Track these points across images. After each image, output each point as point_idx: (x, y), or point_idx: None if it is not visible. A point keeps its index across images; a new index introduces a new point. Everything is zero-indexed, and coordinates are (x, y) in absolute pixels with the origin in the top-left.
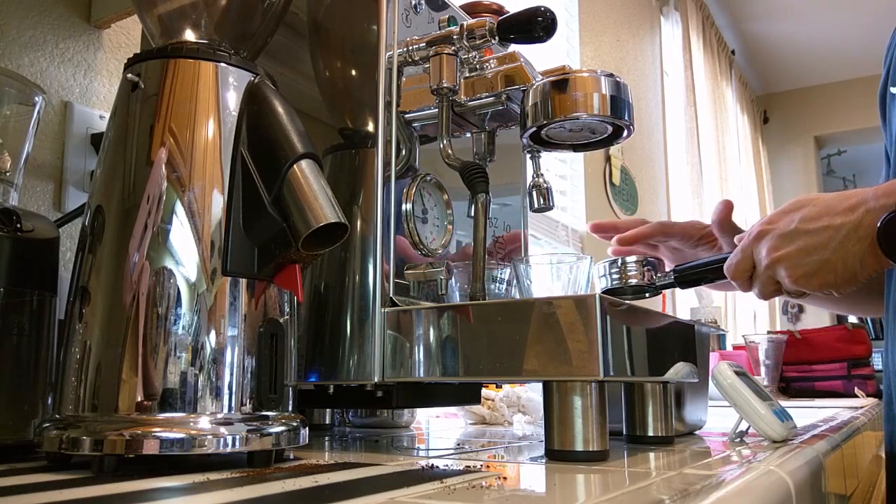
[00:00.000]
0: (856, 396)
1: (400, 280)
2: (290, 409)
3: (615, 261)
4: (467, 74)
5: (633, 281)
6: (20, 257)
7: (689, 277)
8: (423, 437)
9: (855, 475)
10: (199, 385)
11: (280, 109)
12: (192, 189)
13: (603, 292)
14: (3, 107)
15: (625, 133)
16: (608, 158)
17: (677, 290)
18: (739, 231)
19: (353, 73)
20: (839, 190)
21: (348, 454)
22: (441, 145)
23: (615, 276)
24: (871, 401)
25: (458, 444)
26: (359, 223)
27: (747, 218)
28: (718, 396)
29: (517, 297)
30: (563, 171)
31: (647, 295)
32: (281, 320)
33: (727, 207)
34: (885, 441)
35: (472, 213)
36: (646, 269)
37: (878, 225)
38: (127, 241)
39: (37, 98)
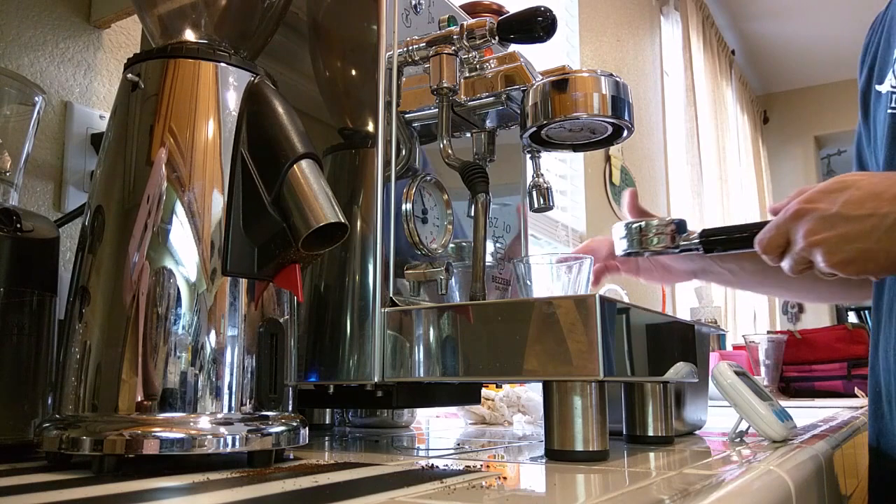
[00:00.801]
0: (856, 396)
1: (400, 280)
2: (290, 409)
3: (636, 221)
4: (467, 74)
5: (656, 240)
6: (20, 257)
7: (715, 242)
8: (423, 437)
9: (855, 475)
10: (199, 385)
11: (280, 109)
12: (192, 189)
13: (624, 252)
14: (3, 107)
15: (625, 133)
16: (608, 158)
17: (678, 288)
18: (649, 215)
19: (353, 73)
20: None
21: (348, 454)
22: (441, 145)
23: (635, 236)
24: None
25: (458, 444)
26: (359, 223)
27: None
28: (718, 396)
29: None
30: (563, 171)
31: (671, 251)
32: (281, 320)
33: (633, 194)
34: (870, 438)
35: (472, 213)
36: (669, 228)
37: None
38: (127, 241)
39: (37, 98)
